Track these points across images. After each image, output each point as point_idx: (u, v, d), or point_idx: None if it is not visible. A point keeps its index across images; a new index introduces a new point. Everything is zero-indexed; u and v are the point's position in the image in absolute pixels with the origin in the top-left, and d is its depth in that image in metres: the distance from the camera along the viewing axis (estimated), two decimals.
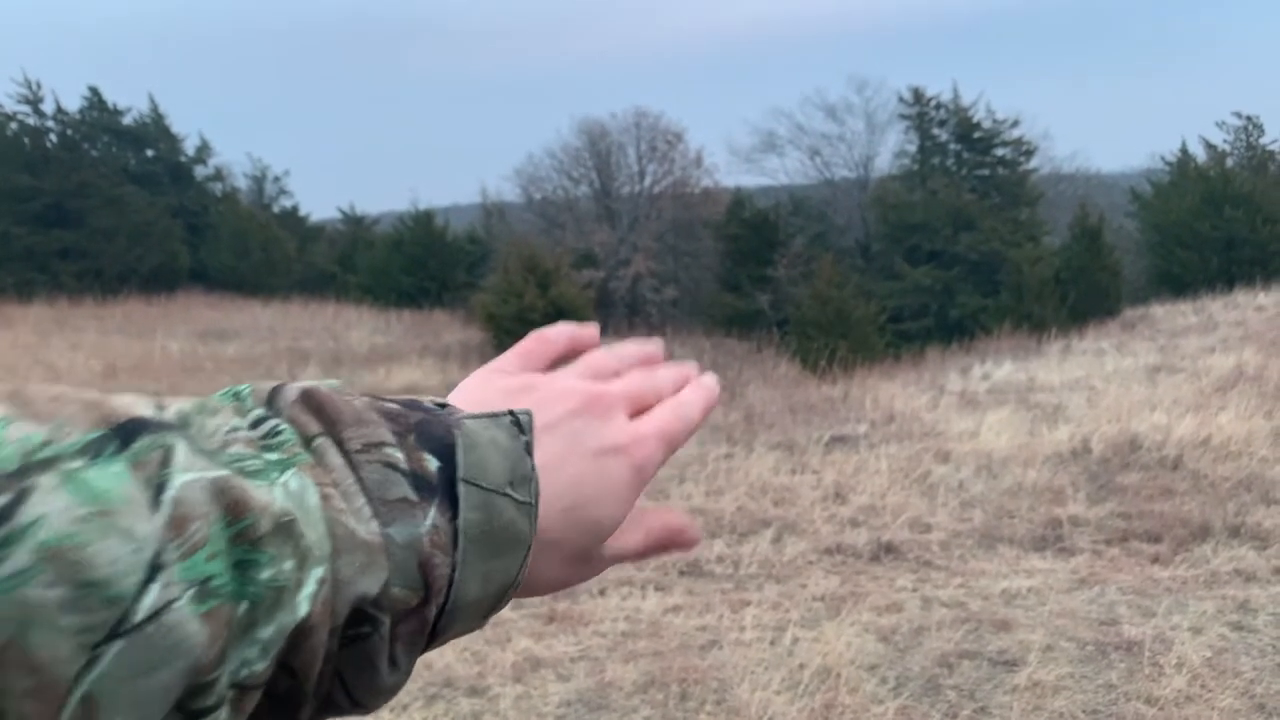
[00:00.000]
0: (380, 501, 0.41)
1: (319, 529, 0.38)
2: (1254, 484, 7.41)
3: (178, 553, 0.34)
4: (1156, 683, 4.28)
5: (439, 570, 0.42)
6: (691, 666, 4.48)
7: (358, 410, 0.43)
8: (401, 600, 0.41)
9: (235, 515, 0.36)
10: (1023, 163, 27.04)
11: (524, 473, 0.46)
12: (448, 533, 0.43)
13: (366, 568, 0.40)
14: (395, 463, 0.42)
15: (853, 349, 18.86)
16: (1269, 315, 17.14)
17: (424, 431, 0.44)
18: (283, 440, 0.40)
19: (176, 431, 0.37)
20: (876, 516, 6.97)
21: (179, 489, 0.35)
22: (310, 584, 0.37)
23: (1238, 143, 29.27)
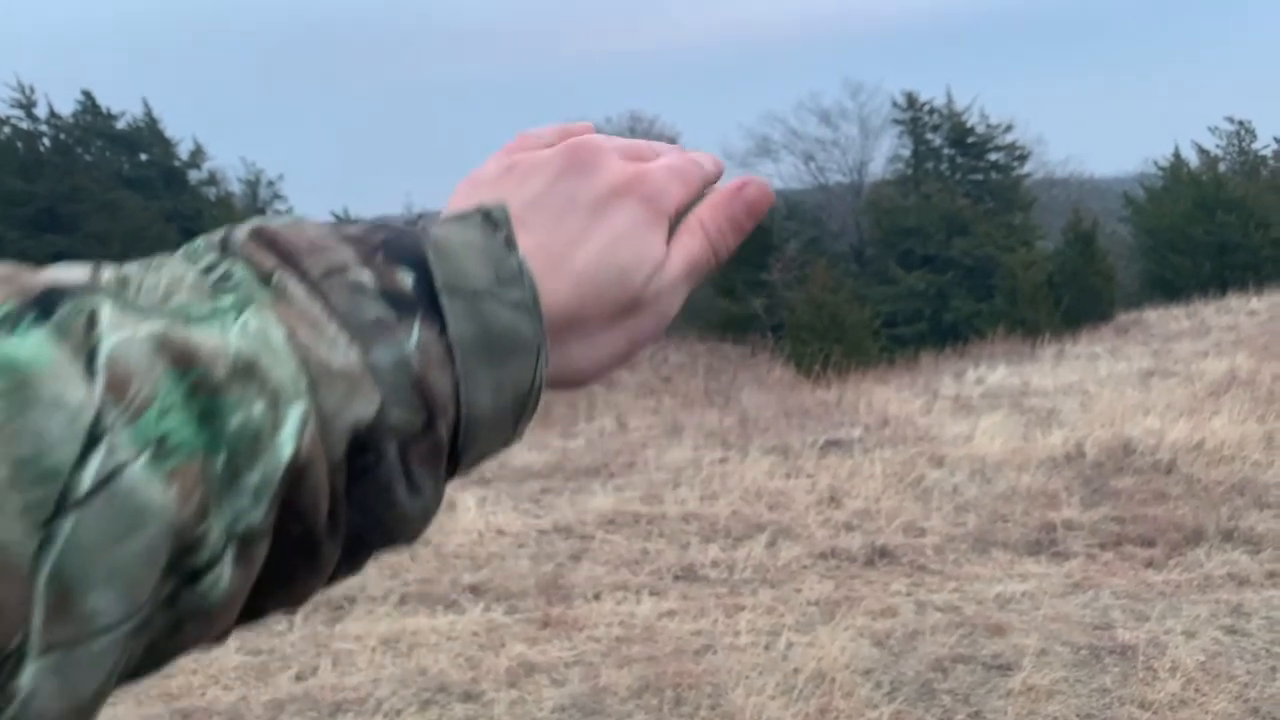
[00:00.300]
0: (355, 326, 0.39)
1: (289, 365, 0.36)
2: (1247, 488, 7.43)
3: (124, 416, 0.32)
4: (1150, 687, 4.29)
5: (438, 387, 0.40)
6: (686, 671, 4.48)
7: (313, 238, 0.41)
8: (405, 423, 0.39)
9: (186, 366, 0.34)
10: (1016, 167, 27.13)
11: (509, 270, 0.43)
12: (440, 347, 0.40)
13: (351, 396, 0.37)
14: (362, 284, 0.40)
15: (847, 353, 18.90)
16: (1262, 320, 17.20)
17: (392, 248, 0.42)
18: (236, 281, 0.38)
19: (104, 293, 0.35)
20: (871, 521, 6.97)
21: (112, 350, 0.33)
22: (291, 422, 0.36)
23: (1230, 148, 29.38)
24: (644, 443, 9.47)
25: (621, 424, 10.82)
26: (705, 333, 24.41)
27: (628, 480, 8.04)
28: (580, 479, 8.18)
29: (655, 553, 6.35)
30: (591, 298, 0.47)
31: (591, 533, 6.77)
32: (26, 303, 0.33)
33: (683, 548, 6.48)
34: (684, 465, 8.34)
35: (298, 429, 0.36)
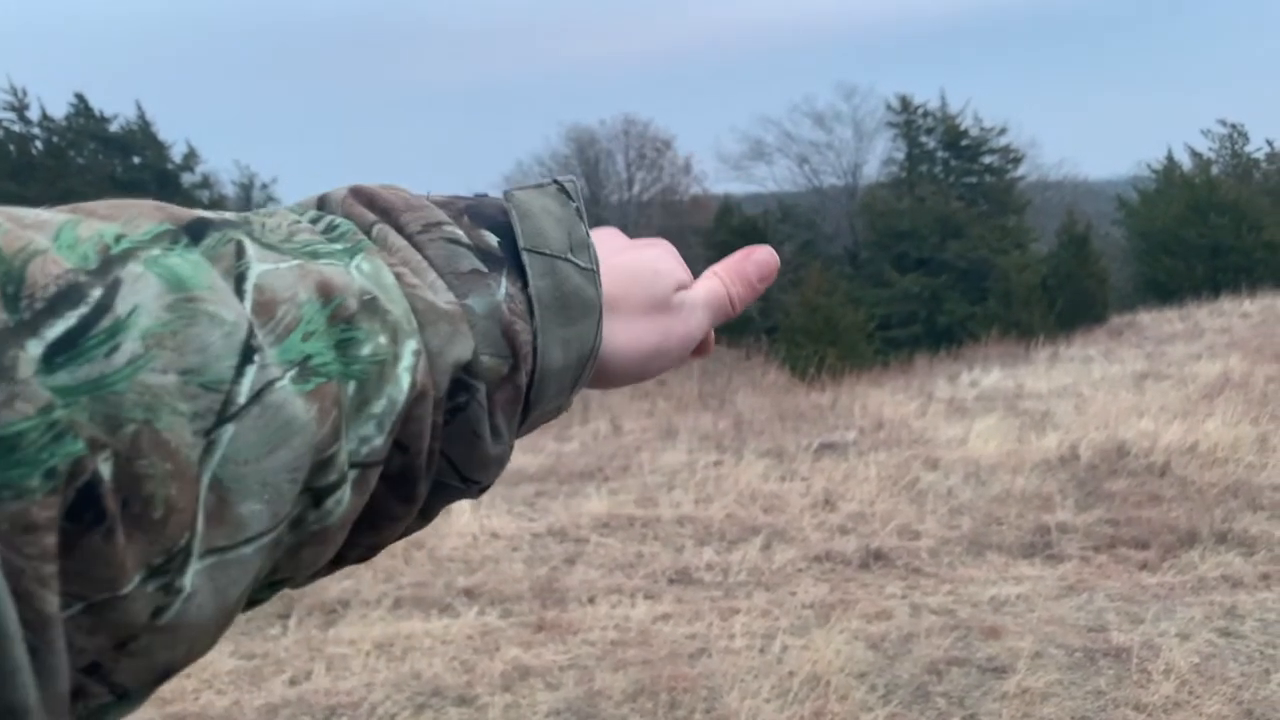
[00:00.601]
0: (452, 275, 0.41)
1: (401, 304, 0.39)
2: (1241, 490, 7.45)
3: (271, 335, 0.34)
4: (1145, 689, 4.29)
5: (522, 336, 0.43)
6: (681, 675, 4.48)
7: (408, 198, 0.44)
8: (493, 368, 0.42)
9: (326, 295, 0.36)
10: (1010, 170, 27.18)
11: (580, 237, 0.47)
12: (522, 300, 0.43)
13: (453, 337, 0.40)
14: (457, 238, 0.43)
15: (841, 356, 18.91)
16: (1255, 322, 17.26)
17: (476, 211, 0.45)
18: (343, 230, 0.41)
19: (243, 228, 0.37)
20: (865, 524, 6.98)
21: (260, 276, 0.35)
22: (407, 356, 0.38)
23: (1223, 151, 29.50)
24: (638, 446, 9.47)
25: (616, 427, 10.81)
26: None
27: (622, 483, 8.04)
28: (575, 482, 8.17)
29: (650, 556, 6.34)
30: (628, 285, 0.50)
31: (586, 536, 6.76)
32: (180, 227, 0.35)
33: (677, 551, 6.48)
34: (678, 468, 8.33)
35: (413, 363, 0.38)
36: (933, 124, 26.89)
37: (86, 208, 0.35)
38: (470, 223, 0.44)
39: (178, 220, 0.35)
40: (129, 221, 0.34)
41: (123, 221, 0.34)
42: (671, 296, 0.52)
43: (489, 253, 0.43)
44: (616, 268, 0.50)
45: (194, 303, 0.32)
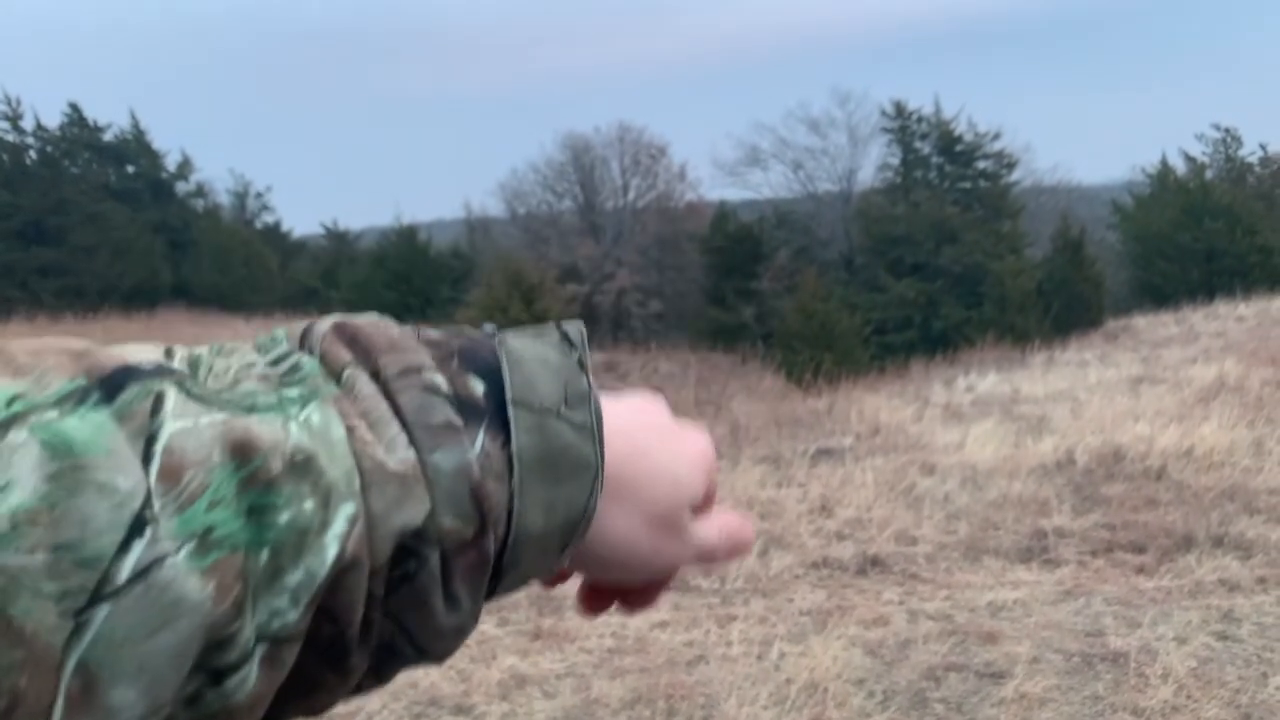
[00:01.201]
0: (422, 427, 0.38)
1: (345, 463, 0.36)
2: (1237, 494, 7.46)
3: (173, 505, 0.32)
4: (1142, 694, 4.29)
5: (494, 498, 0.40)
6: (678, 682, 4.47)
7: (394, 337, 0.41)
8: (455, 532, 0.39)
9: (243, 458, 0.34)
10: (1004, 175, 27.29)
11: (579, 390, 0.43)
12: (501, 459, 0.40)
13: (402, 500, 0.37)
14: (436, 386, 0.40)
15: (837, 361, 18.93)
16: (1249, 326, 17.30)
17: (467, 354, 0.42)
18: (305, 374, 0.38)
19: (172, 377, 0.35)
20: (863, 529, 6.97)
21: (171, 437, 0.33)
22: (339, 522, 0.35)
23: (1217, 155, 29.64)
24: None
25: None
26: (696, 342, 24.44)
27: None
28: None
29: None
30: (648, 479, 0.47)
31: None
32: (95, 381, 0.33)
33: None
34: None
35: (345, 529, 0.35)
36: (927, 130, 26.98)
37: (9, 352, 0.33)
38: (459, 366, 0.41)
39: (96, 372, 0.33)
40: (40, 377, 0.32)
41: (33, 377, 0.32)
42: (681, 516, 0.49)
43: (470, 403, 0.40)
44: (639, 451, 0.47)
45: (82, 471, 0.30)
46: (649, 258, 28.05)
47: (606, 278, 26.41)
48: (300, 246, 33.71)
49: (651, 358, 22.26)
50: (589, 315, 24.89)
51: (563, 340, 0.45)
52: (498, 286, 20.24)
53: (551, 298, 20.86)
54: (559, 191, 29.50)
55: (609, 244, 27.68)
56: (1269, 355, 13.48)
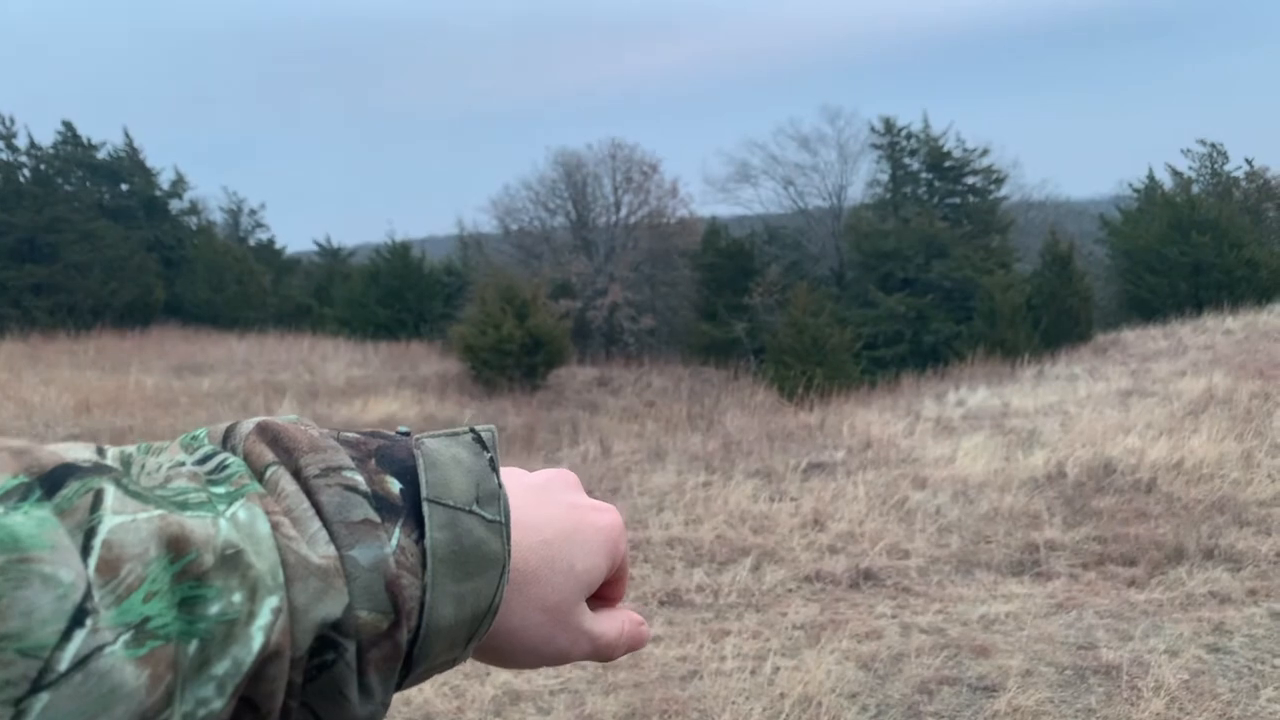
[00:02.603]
0: (342, 524, 0.40)
1: (270, 558, 0.38)
2: (1227, 506, 7.48)
3: (111, 596, 0.33)
4: (1135, 706, 4.30)
5: (408, 591, 0.41)
6: (672, 698, 4.46)
7: (315, 438, 0.43)
8: (370, 624, 0.40)
9: (177, 552, 0.35)
10: (993, 191, 27.39)
11: (490, 489, 0.46)
12: (415, 554, 0.42)
13: (323, 593, 0.39)
14: (355, 485, 0.42)
15: (829, 376, 18.94)
16: (1237, 339, 17.38)
17: (385, 455, 0.44)
18: (231, 473, 0.40)
19: (109, 475, 0.36)
20: (855, 543, 6.98)
21: (110, 531, 0.34)
22: (264, 614, 0.37)
23: (1203, 170, 29.82)
24: (628, 467, 9.46)
25: (605, 449, 10.80)
26: (688, 356, 24.44)
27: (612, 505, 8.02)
28: None
29: (640, 578, 6.33)
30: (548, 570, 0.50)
31: None
32: (36, 478, 0.34)
33: (668, 573, 6.46)
34: (668, 490, 8.33)
35: (270, 621, 0.37)
36: (916, 146, 27.09)
37: None
38: (377, 466, 0.43)
39: (37, 470, 0.34)
40: None
41: None
42: (573, 609, 0.51)
43: (387, 501, 0.42)
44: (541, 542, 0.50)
45: (27, 564, 0.31)
46: (641, 273, 28.10)
47: (599, 293, 26.44)
48: (294, 263, 33.67)
49: (644, 372, 22.27)
50: (581, 330, 24.89)
51: (475, 441, 0.47)
52: (491, 302, 20.21)
53: (544, 313, 20.84)
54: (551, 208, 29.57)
55: (601, 260, 27.72)
56: (1257, 368, 13.55)
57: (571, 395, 19.68)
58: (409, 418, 15.72)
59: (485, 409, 17.30)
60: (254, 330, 26.34)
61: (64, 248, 27.20)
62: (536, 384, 19.60)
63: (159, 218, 31.97)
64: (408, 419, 15.64)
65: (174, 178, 33.21)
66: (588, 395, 19.91)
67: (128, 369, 19.37)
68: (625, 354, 25.13)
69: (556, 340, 20.19)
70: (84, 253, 27.21)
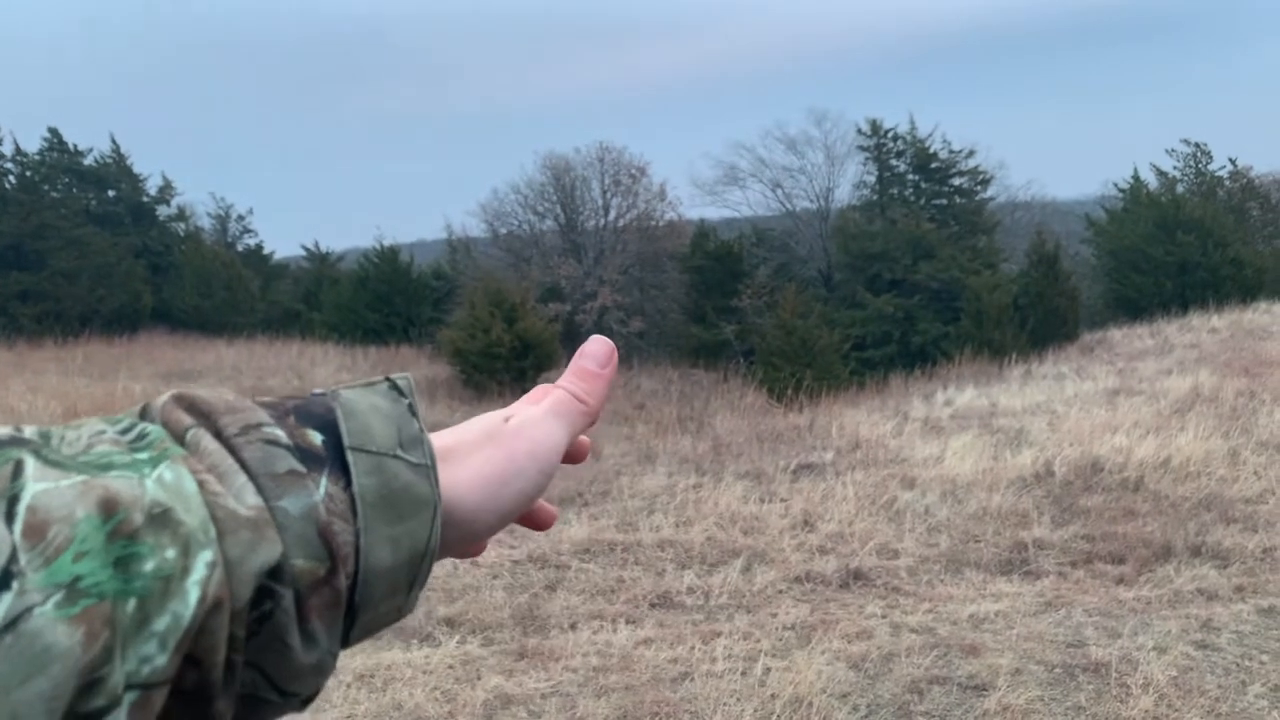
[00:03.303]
0: (268, 477, 0.41)
1: (199, 514, 0.38)
2: (1213, 504, 7.53)
3: (39, 559, 0.34)
4: (1124, 703, 4.32)
5: (341, 537, 0.42)
6: (664, 700, 4.47)
7: (230, 401, 0.44)
8: (307, 571, 0.41)
9: (108, 511, 0.36)
10: (979, 192, 27.49)
11: (412, 433, 0.46)
12: (344, 500, 0.43)
13: (256, 543, 0.39)
14: (276, 439, 0.43)
15: (818, 377, 18.98)
16: (1223, 338, 17.48)
17: (302, 410, 0.45)
18: (152, 438, 0.41)
19: (27, 446, 0.37)
20: (845, 544, 7.00)
21: (34, 497, 0.35)
22: (199, 568, 0.37)
23: (1188, 170, 29.99)
24: (618, 470, 9.46)
25: (595, 452, 10.80)
26: (677, 359, 24.45)
27: (602, 508, 8.03)
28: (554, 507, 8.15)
29: (631, 581, 6.33)
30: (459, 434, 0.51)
31: (567, 562, 6.74)
32: None
33: (658, 575, 6.47)
34: (658, 492, 8.33)
35: (205, 575, 0.37)
36: (902, 147, 27.17)
37: None
38: (295, 423, 0.44)
39: None
40: None
41: None
42: (500, 425, 0.52)
43: (310, 452, 0.43)
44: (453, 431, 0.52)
45: None
46: (630, 276, 28.11)
47: (588, 296, 26.43)
48: (282, 269, 33.54)
49: (634, 375, 22.27)
50: (571, 333, 24.87)
51: (391, 389, 0.48)
52: (480, 306, 20.19)
53: (533, 317, 20.83)
54: (540, 211, 29.54)
55: (590, 263, 27.71)
56: (1242, 366, 13.64)
57: None
58: None
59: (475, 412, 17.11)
60: (242, 336, 26.23)
61: (51, 255, 27.05)
62: (526, 387, 19.17)
63: (146, 224, 31.83)
64: None
65: (161, 184, 33.07)
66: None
67: (116, 376, 19.28)
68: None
69: (546, 344, 20.17)
70: (71, 259, 27.06)
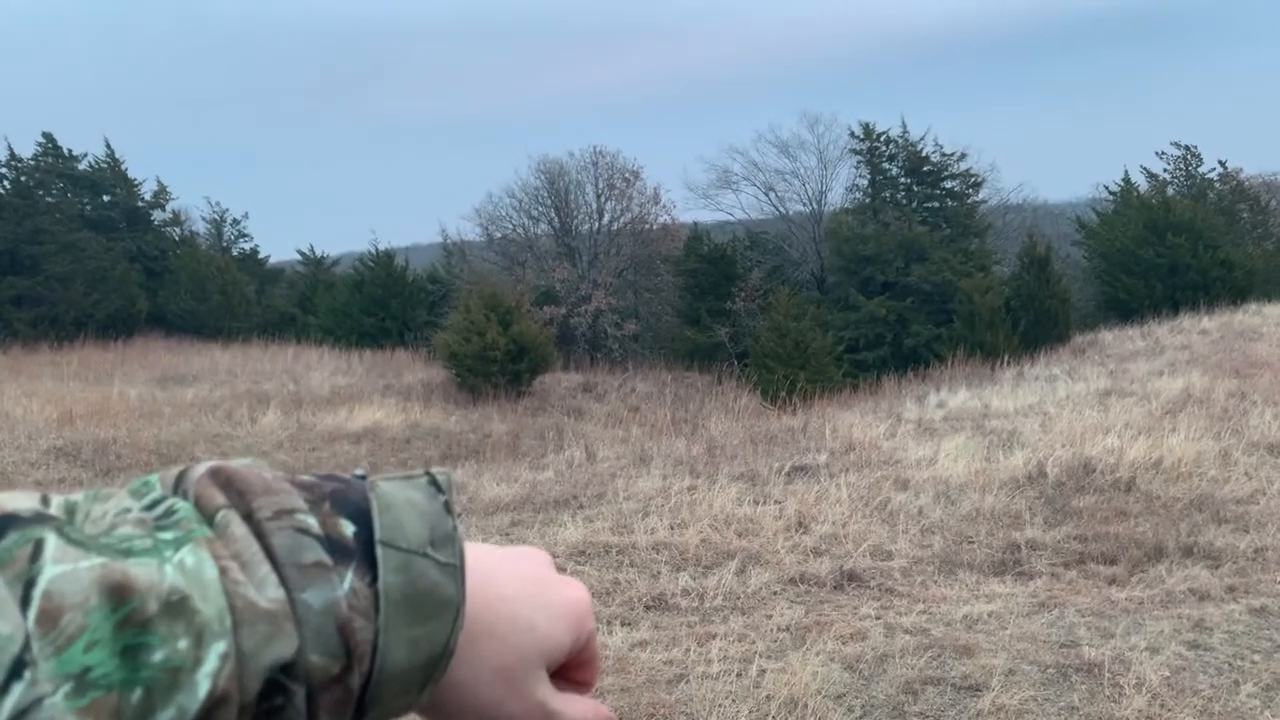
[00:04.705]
0: (293, 567, 0.40)
1: (218, 603, 0.38)
2: (1205, 504, 7.57)
3: (51, 647, 0.33)
4: (1117, 704, 4.35)
5: (360, 635, 0.41)
6: (659, 701, 4.49)
7: (268, 481, 0.43)
8: (321, 668, 0.40)
9: (120, 599, 0.35)
10: (971, 194, 27.56)
11: (445, 531, 0.45)
12: (368, 596, 0.42)
13: (272, 637, 0.39)
14: (308, 528, 0.42)
15: (811, 379, 19.04)
16: (1213, 339, 17.56)
17: (339, 497, 0.44)
18: (179, 518, 0.40)
19: (51, 524, 0.37)
20: (839, 545, 7.02)
21: (50, 581, 0.34)
22: (211, 660, 0.37)
23: (1177, 172, 30.12)
24: (613, 473, 9.48)
25: (590, 454, 10.81)
26: (672, 361, 24.48)
27: (597, 511, 8.04)
28: (550, 510, 8.17)
29: (626, 583, 6.35)
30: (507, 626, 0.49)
31: (562, 564, 6.74)
32: None
33: (653, 577, 6.49)
34: (653, 494, 8.35)
35: (217, 666, 0.37)
36: (895, 151, 27.24)
37: None
38: (330, 509, 0.43)
39: None
40: None
41: None
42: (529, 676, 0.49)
43: (340, 544, 0.42)
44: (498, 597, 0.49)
45: None
46: (624, 279, 28.15)
47: (583, 299, 26.44)
48: (277, 273, 33.51)
49: (628, 378, 22.29)
50: (566, 337, 24.90)
51: (430, 484, 0.47)
52: (475, 310, 20.18)
53: (528, 320, 20.83)
54: (534, 215, 29.57)
55: (585, 266, 27.73)
56: (1233, 367, 13.71)
57: (556, 402, 19.68)
58: (394, 425, 15.67)
59: (470, 416, 17.28)
60: (238, 340, 26.19)
61: (46, 259, 26.99)
62: (521, 391, 19.59)
63: (141, 228, 31.78)
64: (392, 427, 15.61)
65: (156, 188, 33.01)
66: (572, 401, 19.91)
67: (111, 380, 19.24)
68: (609, 360, 25.13)
69: (541, 347, 20.19)
70: (66, 264, 27.00)
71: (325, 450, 14.14)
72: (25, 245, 27.04)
